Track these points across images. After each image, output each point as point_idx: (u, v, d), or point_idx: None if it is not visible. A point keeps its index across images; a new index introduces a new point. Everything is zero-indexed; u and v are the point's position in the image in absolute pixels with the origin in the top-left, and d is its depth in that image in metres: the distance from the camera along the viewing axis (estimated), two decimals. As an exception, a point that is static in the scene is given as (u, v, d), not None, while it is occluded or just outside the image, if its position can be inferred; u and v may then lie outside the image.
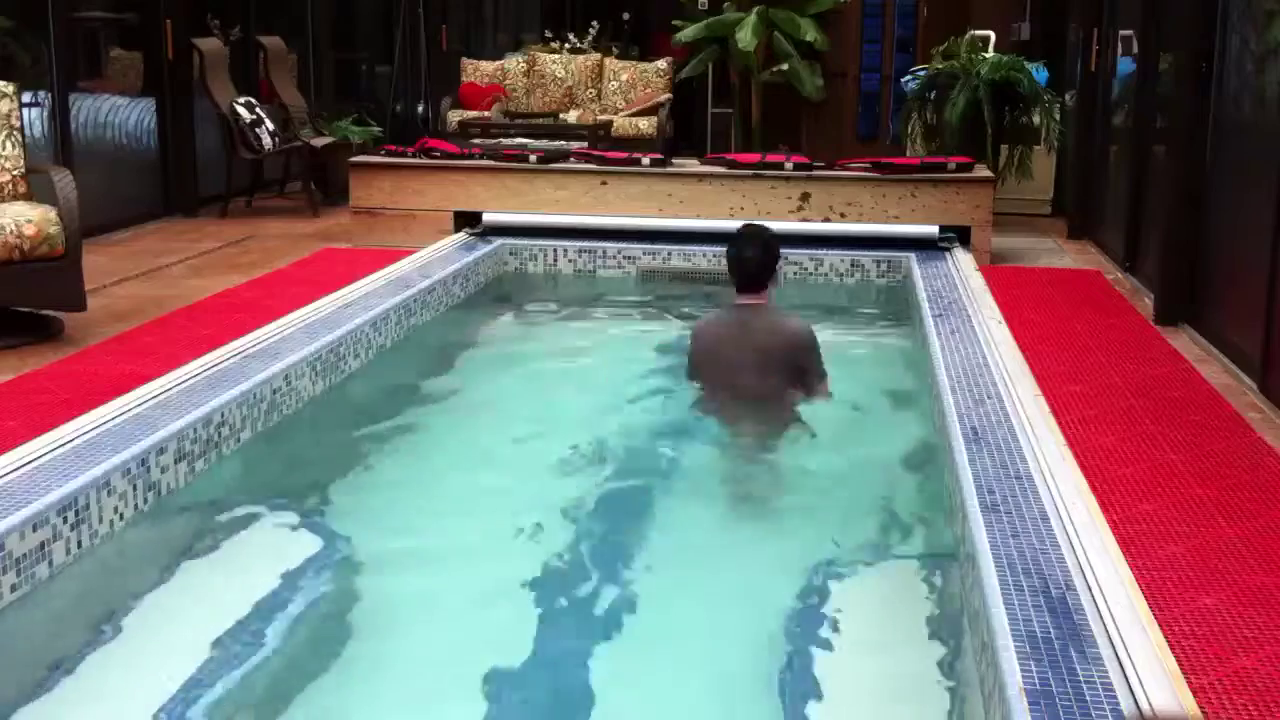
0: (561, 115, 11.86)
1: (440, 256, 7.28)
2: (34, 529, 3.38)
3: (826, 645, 3.38)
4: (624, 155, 8.43)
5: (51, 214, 5.63)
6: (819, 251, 7.66)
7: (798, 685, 3.20)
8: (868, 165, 8.04)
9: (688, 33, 11.94)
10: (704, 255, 7.68)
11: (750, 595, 3.70)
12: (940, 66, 9.15)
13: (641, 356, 6.27)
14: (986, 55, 9.20)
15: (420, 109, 13.08)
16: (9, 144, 5.89)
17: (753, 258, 4.68)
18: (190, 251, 7.88)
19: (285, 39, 10.72)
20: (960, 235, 7.72)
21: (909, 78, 9.73)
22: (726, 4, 11.93)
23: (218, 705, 3.07)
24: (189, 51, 9.39)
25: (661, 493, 4.56)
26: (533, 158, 8.17)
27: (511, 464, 4.74)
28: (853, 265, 7.63)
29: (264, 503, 4.27)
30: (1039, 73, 8.94)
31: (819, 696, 3.14)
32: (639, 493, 4.56)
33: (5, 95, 5.90)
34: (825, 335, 6.80)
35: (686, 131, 13.25)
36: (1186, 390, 5.03)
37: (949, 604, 3.58)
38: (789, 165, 7.91)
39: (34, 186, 5.97)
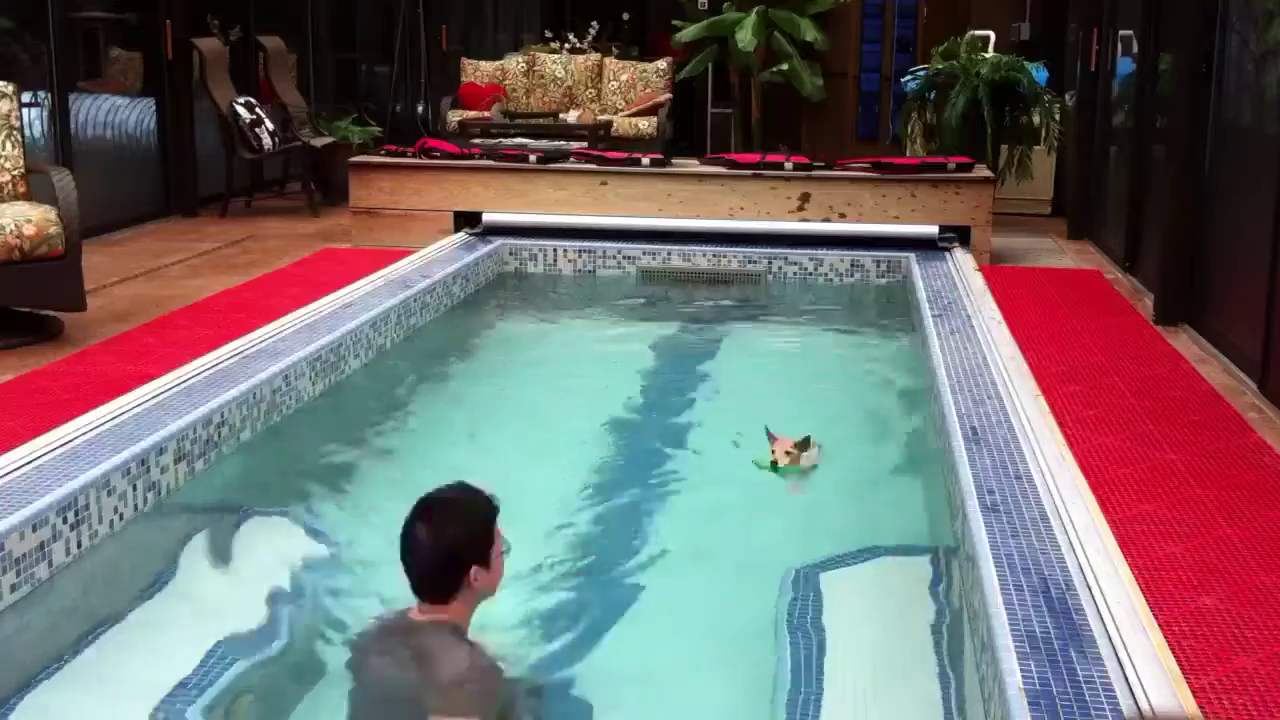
0: (561, 115, 11.86)
1: (440, 256, 7.28)
2: (34, 529, 3.37)
3: (825, 645, 3.38)
4: (624, 155, 8.43)
5: (51, 214, 5.63)
6: (819, 251, 7.67)
7: (797, 685, 3.20)
8: (868, 165, 8.03)
9: (688, 33, 11.93)
10: (703, 255, 7.70)
11: (747, 594, 3.70)
12: (940, 66, 9.14)
13: (641, 356, 6.27)
14: (986, 55, 9.19)
15: (420, 109, 13.07)
16: (9, 144, 5.89)
17: (426, 543, 2.97)
18: (190, 251, 7.88)
19: (285, 39, 10.71)
20: (960, 235, 7.72)
21: (909, 78, 9.72)
22: (726, 4, 11.92)
23: (217, 705, 3.07)
24: (189, 51, 9.39)
25: (657, 494, 4.57)
26: (533, 158, 8.17)
27: (510, 465, 4.73)
28: (853, 265, 7.63)
29: (264, 503, 4.27)
30: (1039, 73, 8.93)
31: (818, 697, 3.14)
32: (636, 494, 4.57)
33: (5, 95, 5.90)
34: (826, 335, 6.88)
35: (686, 131, 13.25)
36: (1186, 390, 5.03)
37: (948, 603, 3.58)
38: (789, 165, 7.91)
39: (34, 186, 5.96)
